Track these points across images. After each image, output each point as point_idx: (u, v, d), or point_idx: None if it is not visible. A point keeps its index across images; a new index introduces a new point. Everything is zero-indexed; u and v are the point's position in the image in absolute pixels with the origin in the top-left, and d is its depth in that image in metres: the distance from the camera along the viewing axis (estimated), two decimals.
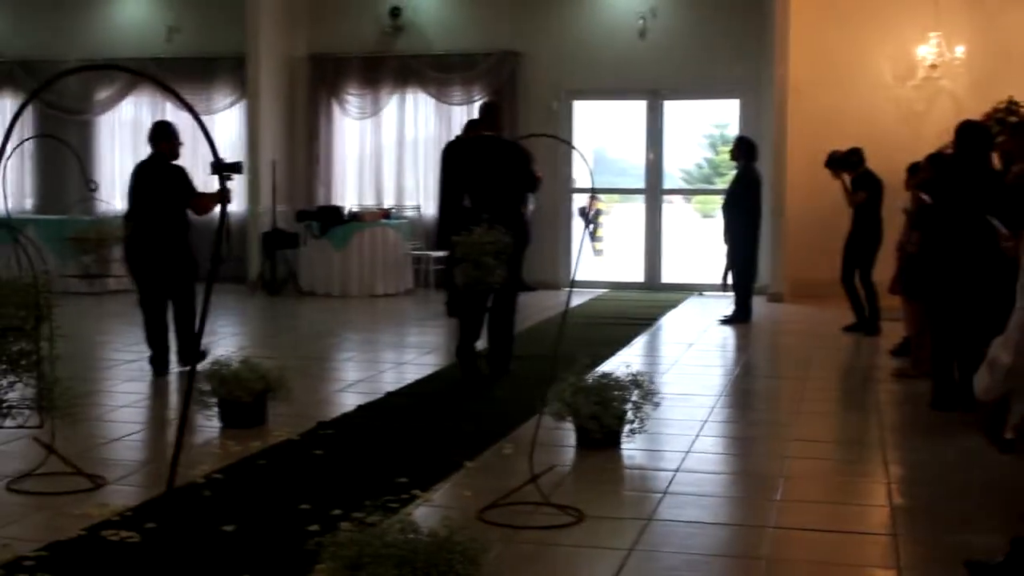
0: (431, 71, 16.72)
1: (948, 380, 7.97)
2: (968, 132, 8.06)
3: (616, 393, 6.87)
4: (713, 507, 5.85)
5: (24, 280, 5.01)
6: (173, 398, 8.66)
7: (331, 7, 17.16)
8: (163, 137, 9.66)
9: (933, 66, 15.11)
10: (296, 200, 17.09)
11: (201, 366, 7.84)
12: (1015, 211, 7.05)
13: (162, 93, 16.85)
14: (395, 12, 16.67)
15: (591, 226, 22.22)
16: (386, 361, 10.45)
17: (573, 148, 9.03)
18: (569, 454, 6.81)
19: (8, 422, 4.97)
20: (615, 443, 6.88)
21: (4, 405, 4.95)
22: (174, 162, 9.69)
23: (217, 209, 9.10)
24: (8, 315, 4.87)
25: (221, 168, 12.32)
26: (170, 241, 9.37)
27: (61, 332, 5.55)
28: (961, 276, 7.68)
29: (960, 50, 15.05)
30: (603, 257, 23.86)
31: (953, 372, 8.00)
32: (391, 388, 8.83)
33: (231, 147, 17.31)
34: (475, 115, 15.52)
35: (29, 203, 18.13)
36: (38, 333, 4.94)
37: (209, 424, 7.37)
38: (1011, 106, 14.17)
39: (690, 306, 14.74)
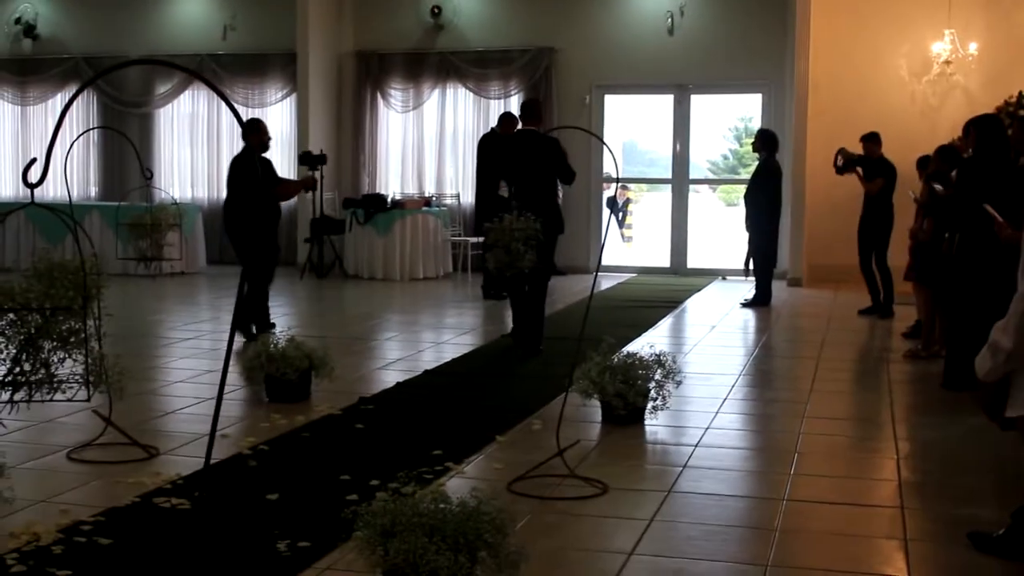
0: (470, 67, 16.71)
1: (960, 361, 7.90)
2: (986, 126, 7.95)
3: (640, 372, 6.86)
4: (730, 480, 5.83)
5: (74, 262, 5.04)
6: (230, 375, 8.69)
7: (377, 6, 17.17)
8: (253, 131, 10.28)
9: (947, 62, 14.97)
10: (343, 188, 17.15)
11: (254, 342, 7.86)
12: (1017, 201, 6.97)
13: (220, 85, 16.90)
14: (436, 11, 16.65)
15: (620, 214, 22.14)
16: (425, 341, 10.46)
17: (600, 140, 8.99)
18: (595, 429, 6.80)
19: (58, 396, 5.01)
20: (639, 419, 6.87)
21: (55, 380, 4.98)
22: (263, 154, 10.36)
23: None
24: (58, 295, 4.90)
25: (311, 160, 12.77)
26: (262, 224, 10.03)
27: (109, 311, 5.58)
28: (973, 264, 7.59)
29: (974, 47, 14.90)
30: (632, 243, 23.79)
31: (964, 353, 7.92)
32: (429, 366, 8.86)
33: (282, 138, 17.38)
34: (511, 108, 15.58)
35: (93, 191, 18.27)
36: (86, 312, 4.96)
37: (257, 399, 7.41)
38: (1021, 100, 14.02)
39: (713, 290, 14.68)
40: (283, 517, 4.96)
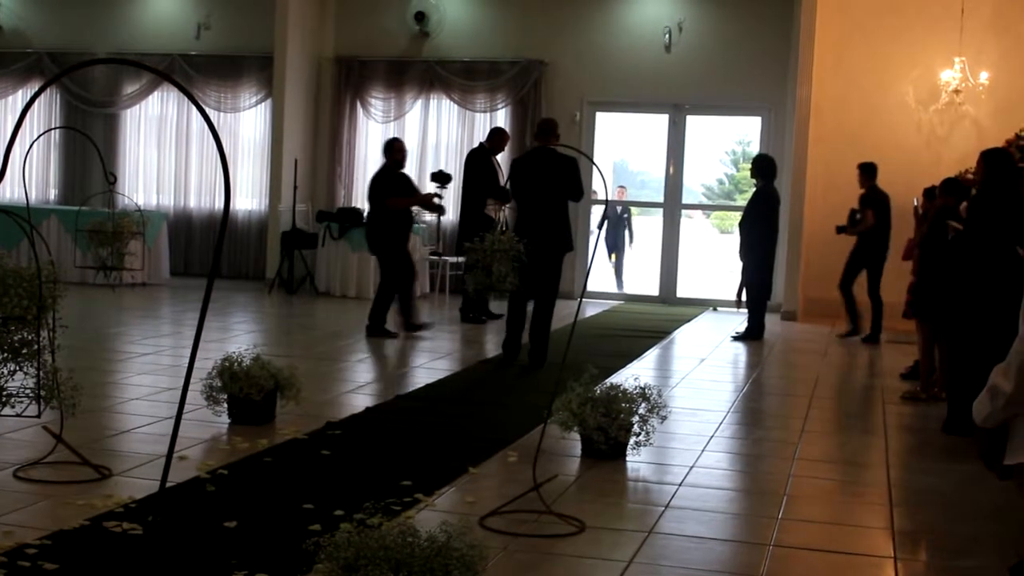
0: (456, 77, 16.75)
1: (961, 404, 7.91)
2: (994, 160, 8.00)
3: (624, 405, 6.85)
4: (715, 522, 5.82)
5: (29, 270, 5.03)
6: (189, 393, 8.67)
7: (359, 9, 17.21)
8: (388, 151, 12.09)
9: (956, 91, 15.07)
10: (317, 201, 17.16)
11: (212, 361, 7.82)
12: None
13: (191, 88, 16.88)
14: (419, 17, 16.67)
15: (626, 231, 21.88)
16: (398, 364, 10.45)
17: (589, 159, 9.06)
18: (574, 464, 6.80)
19: (7, 410, 4.98)
20: (620, 455, 6.87)
21: (3, 394, 4.96)
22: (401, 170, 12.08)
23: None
24: (11, 304, 4.89)
25: (441, 178, 13.37)
26: (399, 232, 12.06)
27: (64, 323, 5.56)
28: (983, 304, 7.62)
29: (984, 76, 15.00)
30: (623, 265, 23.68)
31: (966, 396, 7.93)
32: (401, 391, 8.85)
33: (255, 144, 17.40)
34: (497, 122, 15.63)
35: (53, 194, 18.23)
36: (39, 322, 4.95)
37: (218, 420, 7.38)
38: None
39: (704, 321, 14.72)
40: (241, 546, 4.93)
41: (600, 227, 10.47)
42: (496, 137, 13.70)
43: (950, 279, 8.22)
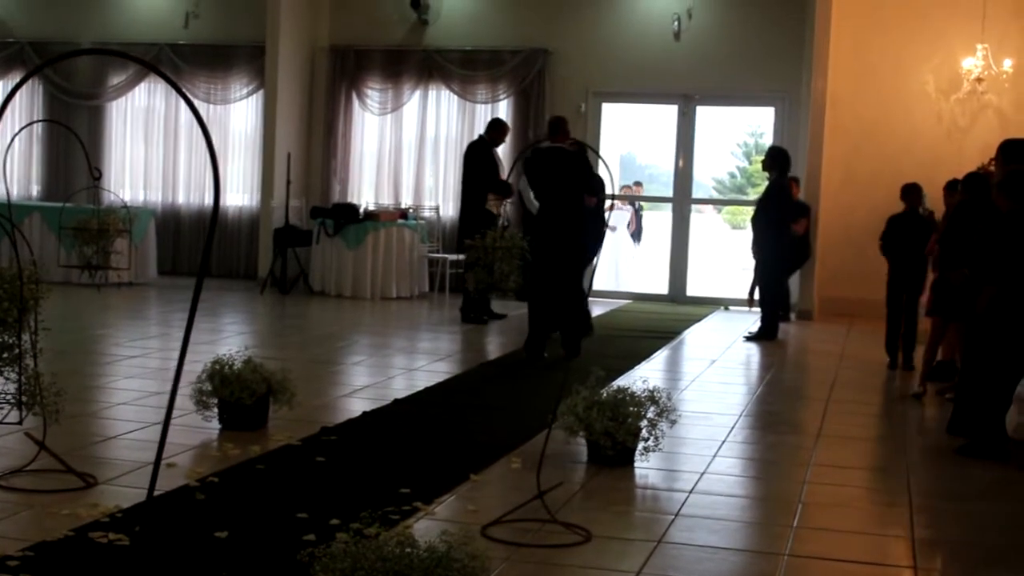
0: (455, 67, 16.75)
1: (970, 405, 7.87)
2: (1015, 152, 7.98)
3: (632, 409, 6.85)
4: (727, 532, 5.82)
5: (10, 270, 5.02)
6: (178, 397, 8.67)
7: None
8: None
9: (979, 80, 15.05)
10: (311, 196, 17.16)
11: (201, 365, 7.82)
12: None
13: (180, 79, 16.90)
14: (417, 4, 16.65)
15: (631, 227, 21.91)
16: (396, 367, 10.45)
17: (595, 152, 9.08)
18: (580, 471, 6.79)
19: None
20: (628, 461, 6.87)
21: None
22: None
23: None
24: None
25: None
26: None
27: (47, 325, 5.56)
28: (1005, 304, 7.57)
29: (1008, 64, 14.98)
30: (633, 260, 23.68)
31: (974, 399, 7.89)
32: (399, 395, 8.84)
33: (246, 137, 17.40)
34: (499, 114, 15.64)
35: (35, 190, 18.23)
36: (21, 325, 4.94)
37: (208, 425, 7.38)
38: None
39: (715, 321, 14.72)
40: (232, 557, 4.94)
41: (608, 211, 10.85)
42: (496, 129, 13.69)
43: (971, 276, 8.20)
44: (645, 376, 9.31)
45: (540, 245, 10.40)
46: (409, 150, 17.24)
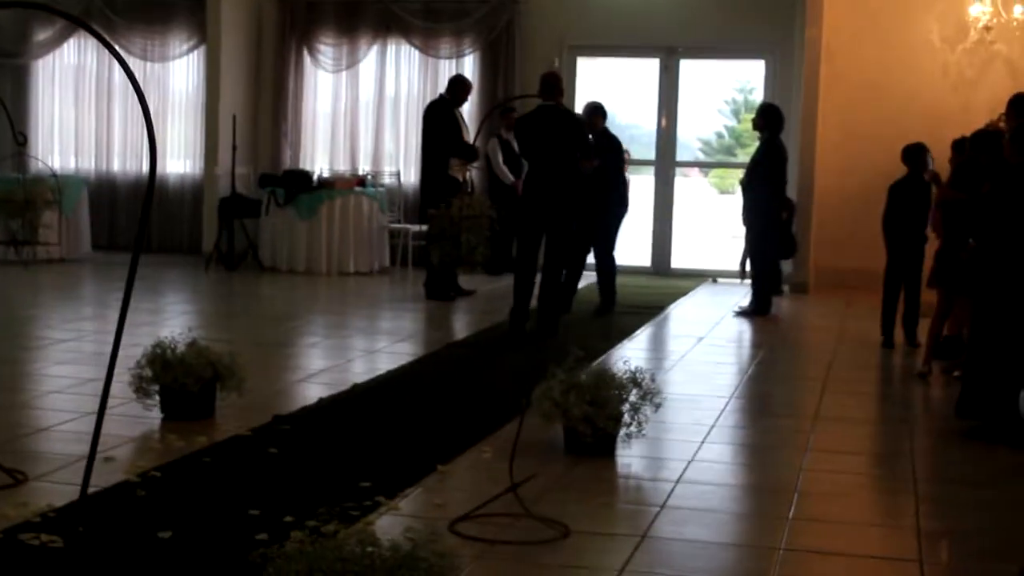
0: (416, 20, 16.68)
1: (978, 386, 7.86)
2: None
3: (613, 392, 6.85)
4: (717, 524, 5.85)
5: None
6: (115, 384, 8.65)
7: None
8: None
9: (987, 28, 15.08)
10: (259, 163, 17.08)
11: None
12: None
13: (113, 35, 16.78)
14: None
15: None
16: (355, 349, 10.45)
17: (570, 112, 9.11)
18: (557, 460, 6.80)
19: None
20: (609, 449, 6.88)
21: None
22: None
23: None
24: None
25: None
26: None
27: None
28: (1014, 276, 7.58)
29: (1019, 10, 15.03)
30: None
31: (983, 379, 7.90)
32: (359, 379, 8.83)
33: (187, 98, 17.31)
34: (464, 71, 15.59)
35: None
36: None
37: (149, 415, 7.36)
38: None
39: (702, 295, 14.76)
40: (177, 559, 4.93)
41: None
42: (457, 87, 13.59)
43: (977, 246, 8.21)
44: (627, 356, 9.34)
45: (528, 212, 10.48)
46: (366, 111, 17.18)
